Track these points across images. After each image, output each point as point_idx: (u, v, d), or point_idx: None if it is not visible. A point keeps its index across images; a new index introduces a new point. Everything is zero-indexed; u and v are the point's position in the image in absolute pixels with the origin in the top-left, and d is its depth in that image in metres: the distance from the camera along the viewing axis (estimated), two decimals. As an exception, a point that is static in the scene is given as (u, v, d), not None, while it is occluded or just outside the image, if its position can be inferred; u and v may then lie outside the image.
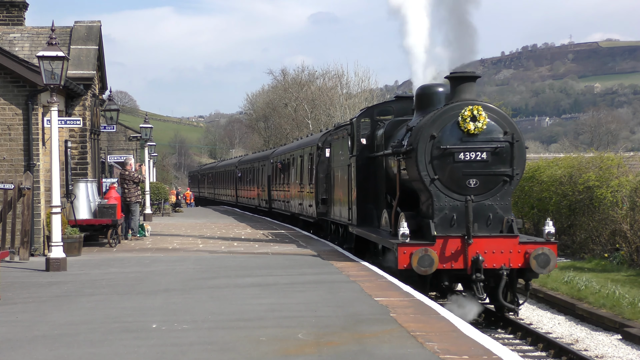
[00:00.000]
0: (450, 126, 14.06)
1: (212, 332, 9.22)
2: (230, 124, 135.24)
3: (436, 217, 14.07)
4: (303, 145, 29.86)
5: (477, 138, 14.02)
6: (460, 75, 14.45)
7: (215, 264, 16.55)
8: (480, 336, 8.85)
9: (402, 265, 13.55)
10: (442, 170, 14.09)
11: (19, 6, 24.29)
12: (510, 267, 13.69)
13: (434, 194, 14.12)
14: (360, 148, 18.01)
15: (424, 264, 13.35)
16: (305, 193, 27.91)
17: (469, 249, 13.60)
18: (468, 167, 14.06)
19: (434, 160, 14.09)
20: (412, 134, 14.74)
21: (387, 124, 17.16)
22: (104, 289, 13.02)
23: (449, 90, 15.04)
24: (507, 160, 14.12)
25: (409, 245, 13.59)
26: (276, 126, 73.11)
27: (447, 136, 14.07)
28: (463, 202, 13.84)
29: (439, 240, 13.69)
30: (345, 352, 8.05)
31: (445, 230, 14.02)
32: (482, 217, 14.08)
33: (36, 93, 17.89)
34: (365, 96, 60.09)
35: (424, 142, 14.12)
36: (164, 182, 61.93)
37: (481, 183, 14.06)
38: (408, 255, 13.45)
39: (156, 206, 38.98)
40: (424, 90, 15.90)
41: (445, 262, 13.65)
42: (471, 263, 13.55)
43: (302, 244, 20.93)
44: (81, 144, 22.66)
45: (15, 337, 9.10)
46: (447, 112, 14.20)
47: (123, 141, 47.23)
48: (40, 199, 18.10)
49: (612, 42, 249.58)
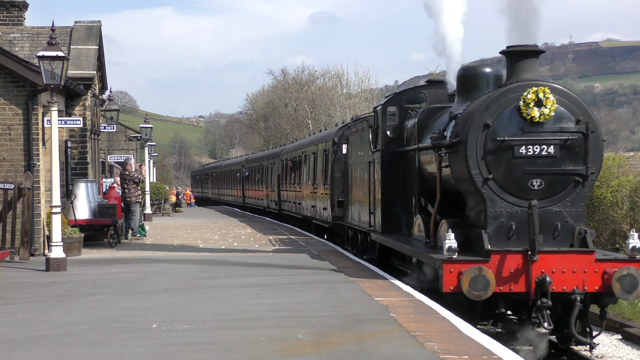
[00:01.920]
0: (509, 113, 11.46)
1: (212, 332, 9.22)
2: (230, 124, 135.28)
3: (490, 227, 11.44)
4: (316, 141, 27.31)
5: (543, 128, 11.39)
6: (521, 50, 11.72)
7: (216, 264, 16.55)
8: (481, 336, 8.85)
9: (448, 287, 10.96)
10: (498, 167, 11.49)
11: (19, 6, 24.29)
12: (584, 291, 11.00)
13: (487, 198, 11.48)
14: (387, 142, 15.51)
15: (477, 286, 10.77)
16: (318, 194, 25.52)
17: (533, 267, 10.98)
18: (531, 164, 11.42)
19: (487, 155, 11.49)
20: (459, 123, 12.13)
21: (420, 113, 14.49)
22: (104, 289, 13.02)
23: (497, 71, 13.10)
24: (579, 156, 11.47)
25: (457, 262, 11.01)
26: (276, 126, 73.14)
27: (504, 125, 11.47)
28: (524, 208, 11.25)
29: (495, 257, 11.07)
30: (345, 352, 8.05)
31: (502, 243, 11.39)
32: (547, 227, 11.39)
33: (36, 93, 17.89)
34: (365, 96, 60.17)
35: (475, 133, 11.51)
36: (164, 182, 61.75)
37: (547, 184, 11.44)
38: (456, 275, 10.92)
39: (156, 206, 38.99)
40: (467, 71, 13.40)
41: (502, 284, 11.02)
42: (535, 285, 10.93)
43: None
44: (81, 144, 22.67)
45: (15, 337, 9.10)
46: (504, 95, 11.56)
47: (123, 141, 47.25)
48: (40, 199, 18.10)
49: (612, 42, 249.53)
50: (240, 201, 49.38)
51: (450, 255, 11.05)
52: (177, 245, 21.56)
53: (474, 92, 12.78)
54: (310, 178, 27.33)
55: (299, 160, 30.39)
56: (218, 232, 26.76)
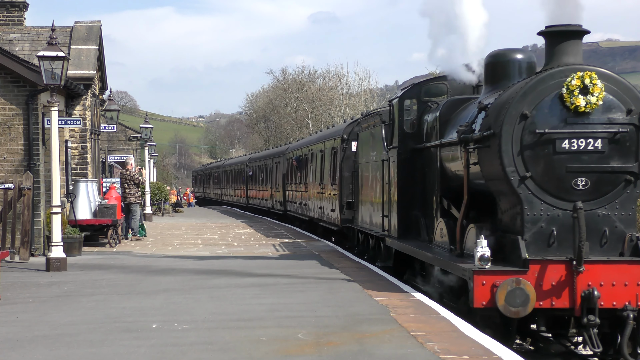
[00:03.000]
0: (550, 101, 10.05)
1: (212, 332, 9.21)
2: (231, 124, 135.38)
3: (527, 233, 10.02)
4: (324, 138, 25.80)
5: (589, 119, 9.97)
6: (563, 30, 10.25)
7: (216, 264, 16.54)
8: (481, 336, 8.84)
9: (480, 302, 9.65)
10: (537, 164, 10.08)
11: (19, 6, 24.30)
12: (638, 307, 9.61)
13: (524, 199, 10.05)
14: (404, 138, 14.15)
15: (514, 301, 9.44)
16: (326, 195, 24.05)
17: (578, 279, 9.63)
18: (575, 160, 9.98)
19: (525, 150, 10.06)
20: (490, 114, 10.70)
21: (442, 105, 13.08)
22: (104, 289, 13.02)
23: (530, 58, 11.80)
24: (630, 152, 10.03)
25: (491, 273, 9.68)
26: (276, 126, 73.22)
27: (544, 115, 10.04)
28: (567, 211, 9.87)
29: (534, 267, 9.71)
30: (345, 352, 8.05)
31: (541, 251, 9.98)
32: (594, 233, 9.96)
33: (36, 93, 17.89)
34: (365, 96, 60.24)
35: (510, 125, 10.08)
36: (164, 182, 61.69)
37: (593, 184, 10.01)
38: (489, 288, 9.62)
39: (156, 206, 39.01)
40: (497, 58, 11.96)
41: (543, 299, 9.66)
42: (581, 300, 9.58)
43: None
44: (81, 144, 22.67)
45: (15, 337, 9.10)
46: (544, 80, 10.13)
47: (123, 141, 47.23)
48: (40, 199, 18.10)
49: (612, 42, 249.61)
50: (243, 202, 48.23)
51: (482, 265, 9.74)
52: (177, 245, 21.56)
53: (504, 81, 11.47)
54: (317, 177, 25.98)
55: (305, 159, 29.09)
56: (218, 232, 26.77)
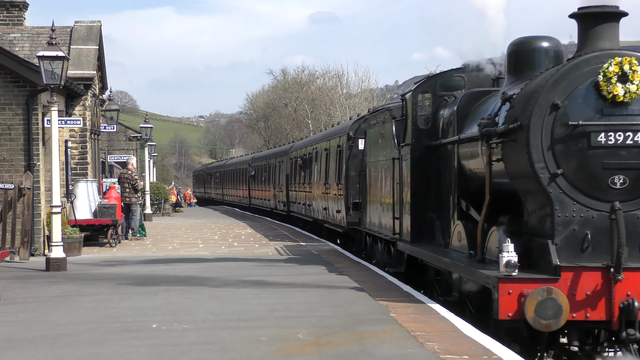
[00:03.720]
0: (584, 90, 9.08)
1: (212, 332, 9.21)
2: (231, 124, 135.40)
3: (558, 236, 9.05)
4: (329, 136, 24.65)
5: (628, 109, 9.01)
6: (598, 11, 9.36)
7: (215, 264, 16.54)
8: (481, 336, 8.84)
9: (506, 313, 8.72)
10: (570, 160, 9.10)
11: (19, 6, 24.31)
12: None
13: (555, 199, 9.08)
14: (418, 134, 13.28)
15: (545, 313, 8.51)
16: (331, 195, 22.91)
17: (616, 288, 8.67)
18: (612, 155, 8.99)
19: (556, 144, 9.10)
20: (516, 105, 9.80)
21: (460, 98, 12.16)
22: (104, 289, 13.00)
23: (557, 46, 10.91)
24: None
25: (518, 281, 8.74)
26: (276, 126, 73.25)
27: (578, 106, 9.07)
28: (604, 213, 8.95)
29: (566, 274, 8.77)
30: (346, 352, 8.05)
31: (574, 257, 9.00)
32: (632, 238, 8.97)
33: (36, 93, 17.89)
34: (365, 96, 60.30)
35: (539, 116, 9.14)
36: (164, 182, 61.66)
37: (632, 182, 9.03)
38: (516, 298, 8.69)
39: (156, 206, 39.02)
40: (521, 46, 10.99)
41: (576, 310, 8.70)
42: (619, 312, 8.64)
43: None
44: (81, 144, 22.68)
45: (15, 337, 9.10)
46: (578, 67, 9.19)
47: (123, 141, 47.22)
48: (40, 198, 18.10)
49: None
50: (246, 202, 47.27)
51: (509, 272, 8.77)
52: (177, 245, 21.57)
53: (528, 71, 10.61)
54: (322, 177, 24.85)
55: (309, 158, 28.04)
56: (218, 232, 26.77)
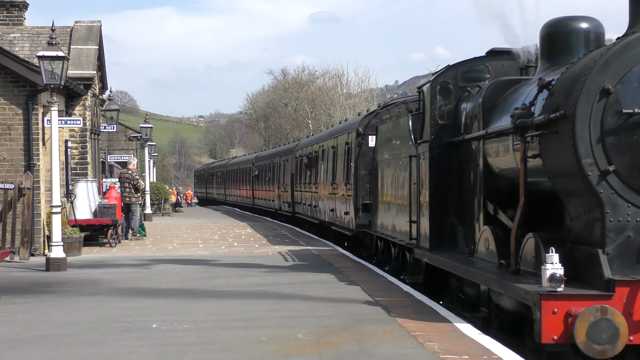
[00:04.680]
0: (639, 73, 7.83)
1: (212, 332, 9.21)
2: (231, 124, 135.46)
3: (610, 245, 7.78)
4: (336, 133, 23.11)
5: None
6: None
7: (216, 264, 16.55)
8: (481, 336, 8.84)
9: (550, 336, 7.52)
10: (623, 155, 7.86)
11: (19, 6, 24.31)
12: None
13: (606, 201, 7.83)
14: (437, 130, 12.06)
15: (599, 337, 7.30)
16: (339, 195, 21.47)
17: None
18: None
19: (607, 136, 7.85)
20: (556, 92, 8.51)
21: (486, 88, 10.86)
22: (104, 289, 13.00)
23: (597, 28, 9.66)
24: None
25: (565, 298, 7.52)
26: (276, 126, 73.29)
27: (633, 91, 7.81)
28: None
29: (621, 290, 7.53)
30: (346, 352, 8.05)
31: (629, 269, 7.77)
32: None
33: (36, 93, 17.89)
34: (365, 96, 60.37)
35: (587, 103, 7.88)
36: (164, 182, 61.66)
37: None
38: (562, 318, 7.50)
39: (156, 206, 39.03)
40: (557, 28, 9.73)
41: (634, 333, 7.48)
42: None
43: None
44: (81, 144, 22.68)
45: (15, 337, 9.09)
46: (632, 46, 7.90)
47: (123, 141, 47.23)
48: (40, 198, 18.11)
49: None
50: (249, 202, 45.88)
51: (554, 287, 7.53)
52: (177, 245, 21.57)
53: (565, 56, 9.47)
54: (329, 176, 23.32)
55: (315, 156, 26.53)
56: (218, 232, 26.77)
